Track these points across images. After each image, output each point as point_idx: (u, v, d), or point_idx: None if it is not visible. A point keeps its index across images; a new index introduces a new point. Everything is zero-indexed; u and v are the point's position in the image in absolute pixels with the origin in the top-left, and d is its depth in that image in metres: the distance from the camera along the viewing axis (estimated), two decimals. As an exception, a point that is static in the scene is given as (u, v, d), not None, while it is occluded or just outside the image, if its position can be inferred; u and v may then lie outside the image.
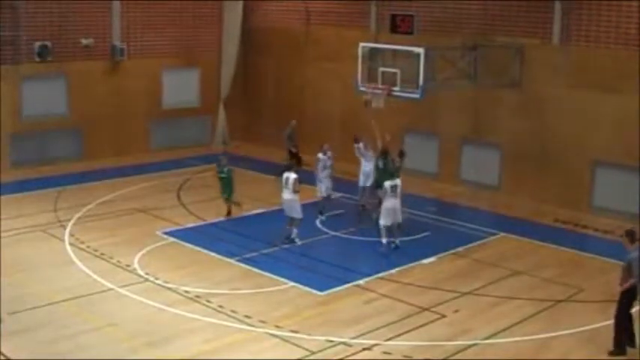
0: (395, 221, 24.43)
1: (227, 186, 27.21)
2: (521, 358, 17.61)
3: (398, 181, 24.47)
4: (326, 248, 24.72)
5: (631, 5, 27.23)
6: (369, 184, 27.35)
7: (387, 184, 24.36)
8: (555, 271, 22.86)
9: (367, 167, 27.38)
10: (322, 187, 27.57)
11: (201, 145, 37.60)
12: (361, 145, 27.47)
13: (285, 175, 24.74)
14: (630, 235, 17.93)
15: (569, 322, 19.36)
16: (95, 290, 20.71)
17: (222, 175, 27.29)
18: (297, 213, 24.64)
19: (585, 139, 28.24)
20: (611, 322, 17.96)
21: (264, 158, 34.94)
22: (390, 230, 24.36)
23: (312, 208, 27.12)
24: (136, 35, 36.03)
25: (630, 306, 17.71)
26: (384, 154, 26.89)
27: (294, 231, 24.63)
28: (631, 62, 27.00)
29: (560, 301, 20.77)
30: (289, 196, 24.53)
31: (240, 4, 37.88)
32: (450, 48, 29.09)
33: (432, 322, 19.40)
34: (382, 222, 24.35)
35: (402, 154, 26.90)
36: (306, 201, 25.57)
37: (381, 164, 27.05)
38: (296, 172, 24.99)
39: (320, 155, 27.99)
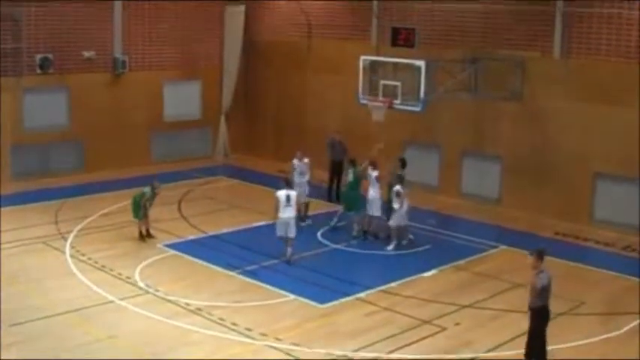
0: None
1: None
2: (522, 371, 17.62)
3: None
4: (327, 261, 24.68)
5: (631, 17, 27.28)
6: (377, 213, 26.70)
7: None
8: (556, 284, 22.72)
9: (373, 194, 26.65)
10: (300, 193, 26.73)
11: (203, 157, 37.64)
12: (376, 172, 26.57)
13: (285, 192, 23.87)
14: (540, 254, 17.57)
15: (570, 335, 19.33)
16: (96, 302, 20.71)
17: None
18: (293, 232, 23.91)
19: (586, 151, 28.25)
20: (612, 334, 17.96)
21: (265, 170, 34.94)
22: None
23: (313, 220, 27.18)
24: (137, 48, 36.11)
25: (544, 326, 17.49)
26: (372, 164, 26.70)
27: (289, 250, 23.89)
28: (631, 74, 27.03)
29: (561, 314, 20.71)
30: (290, 214, 23.81)
31: (242, 17, 37.95)
32: (451, 61, 29.14)
33: (432, 334, 19.39)
34: (392, 223, 25.28)
35: (403, 163, 26.92)
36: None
37: (351, 176, 27.10)
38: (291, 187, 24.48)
39: (295, 161, 28.18)
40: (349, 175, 27.33)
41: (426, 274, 23.38)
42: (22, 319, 19.39)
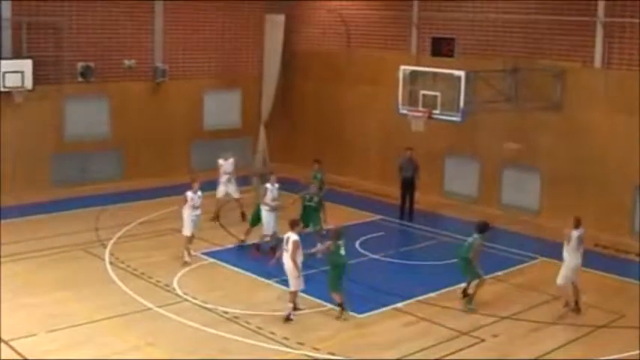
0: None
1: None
2: (561, 383, 17.51)
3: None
4: (365, 271, 24.58)
5: (674, 28, 27.12)
6: None
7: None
8: (596, 296, 22.66)
9: None
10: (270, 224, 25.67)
11: (242, 166, 37.69)
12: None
13: (287, 235, 20.95)
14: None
15: (610, 348, 19.18)
16: (134, 309, 20.83)
17: (309, 204, 26.87)
18: (293, 284, 20.87)
19: (626, 163, 28.00)
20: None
21: (303, 179, 34.94)
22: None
23: (351, 230, 27.17)
24: (177, 57, 36.30)
25: None
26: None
27: (289, 306, 20.84)
28: (674, 86, 26.85)
29: (600, 326, 20.59)
30: (285, 262, 20.78)
31: (282, 27, 38.04)
32: (491, 71, 29.01)
33: (470, 346, 19.30)
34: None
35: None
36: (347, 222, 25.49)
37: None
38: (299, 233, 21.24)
39: (220, 161, 29.20)
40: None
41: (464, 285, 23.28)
42: (61, 325, 19.53)
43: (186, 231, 24.68)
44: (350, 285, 22.65)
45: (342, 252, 21.22)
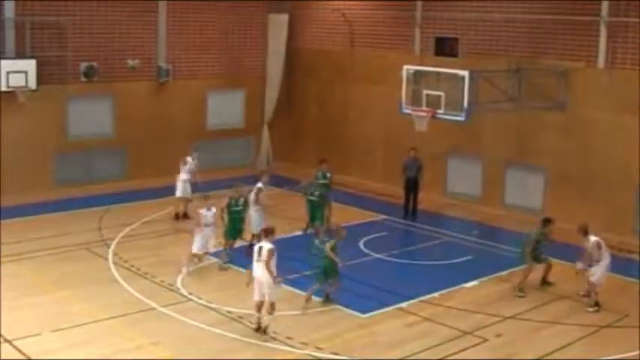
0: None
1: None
2: (565, 383, 17.50)
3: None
4: (368, 270, 24.60)
5: (678, 28, 27.10)
6: None
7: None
8: (599, 296, 22.65)
9: None
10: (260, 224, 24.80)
11: (245, 166, 37.70)
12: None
13: (258, 244, 19.93)
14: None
15: (614, 348, 19.18)
16: (138, 309, 20.83)
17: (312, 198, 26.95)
18: (271, 294, 19.56)
19: (630, 162, 27.98)
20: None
21: (307, 179, 34.94)
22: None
23: (356, 230, 27.14)
24: (181, 56, 36.31)
25: None
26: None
27: (264, 319, 19.65)
28: (678, 86, 26.83)
29: (604, 326, 20.58)
30: (260, 272, 19.49)
31: (285, 26, 38.06)
32: (495, 71, 29.00)
33: (474, 346, 19.29)
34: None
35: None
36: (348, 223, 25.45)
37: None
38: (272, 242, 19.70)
39: (188, 158, 29.65)
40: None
41: (467, 285, 23.28)
42: (64, 325, 19.54)
43: (195, 248, 24.17)
44: (353, 284, 22.68)
45: (327, 250, 21.09)
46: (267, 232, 19.72)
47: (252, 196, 25.86)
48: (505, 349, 19.14)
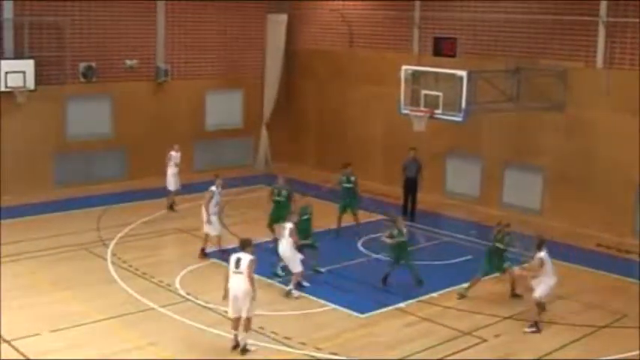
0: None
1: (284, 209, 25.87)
2: (563, 383, 17.51)
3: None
4: (367, 271, 24.58)
5: (676, 28, 27.11)
6: None
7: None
8: (597, 296, 22.68)
9: None
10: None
11: (244, 166, 37.71)
12: None
13: (235, 255, 18.72)
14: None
15: (612, 348, 19.17)
16: (136, 309, 20.84)
17: (278, 198, 26.71)
18: (252, 308, 18.52)
19: (629, 163, 27.96)
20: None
21: (306, 180, 34.95)
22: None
23: (355, 230, 27.14)
24: (179, 57, 36.32)
25: None
26: None
27: (246, 342, 18.59)
28: (676, 86, 26.83)
29: (602, 327, 20.59)
30: (242, 286, 18.26)
31: (284, 27, 38.07)
32: (493, 71, 29.00)
33: (472, 346, 19.31)
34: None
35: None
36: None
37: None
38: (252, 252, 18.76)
39: (173, 153, 30.59)
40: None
41: (466, 285, 23.25)
42: (63, 325, 19.54)
43: (208, 229, 25.08)
44: (352, 284, 22.70)
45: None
46: (246, 244, 18.73)
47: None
48: (503, 350, 19.14)
